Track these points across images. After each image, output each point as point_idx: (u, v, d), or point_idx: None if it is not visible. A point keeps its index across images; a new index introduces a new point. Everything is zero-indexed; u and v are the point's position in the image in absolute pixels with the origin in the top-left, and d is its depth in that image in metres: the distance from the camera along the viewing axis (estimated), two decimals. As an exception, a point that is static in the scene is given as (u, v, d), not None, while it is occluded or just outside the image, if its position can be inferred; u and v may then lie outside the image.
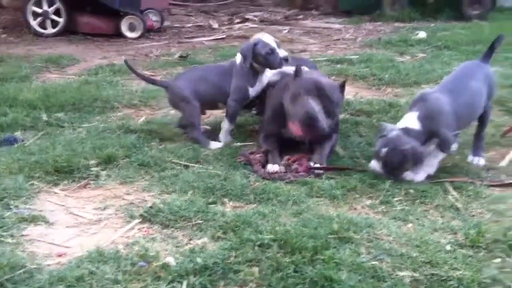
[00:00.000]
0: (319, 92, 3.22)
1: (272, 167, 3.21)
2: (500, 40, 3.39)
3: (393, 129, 3.05)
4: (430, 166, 3.07)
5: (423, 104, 3.08)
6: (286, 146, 3.51)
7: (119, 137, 3.71)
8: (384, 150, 2.99)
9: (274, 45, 3.67)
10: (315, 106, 3.16)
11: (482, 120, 3.33)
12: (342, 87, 3.37)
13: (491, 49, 3.39)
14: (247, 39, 7.69)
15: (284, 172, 3.19)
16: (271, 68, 3.66)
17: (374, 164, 3.07)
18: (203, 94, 3.69)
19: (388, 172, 3.02)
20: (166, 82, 3.95)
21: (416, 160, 2.96)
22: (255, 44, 3.63)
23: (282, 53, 3.70)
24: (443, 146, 3.05)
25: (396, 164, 2.98)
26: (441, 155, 3.09)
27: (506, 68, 5.38)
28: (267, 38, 3.78)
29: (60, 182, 3.09)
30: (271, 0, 11.38)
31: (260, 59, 3.61)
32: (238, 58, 3.70)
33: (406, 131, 3.00)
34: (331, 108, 3.25)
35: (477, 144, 3.35)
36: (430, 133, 3.01)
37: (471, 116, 3.24)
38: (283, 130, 3.43)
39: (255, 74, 3.69)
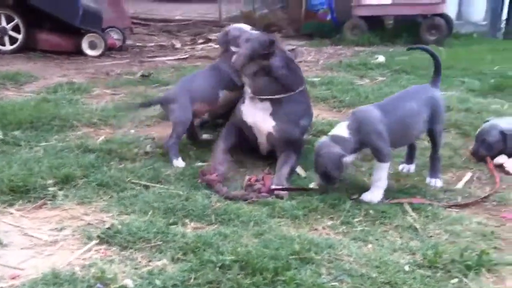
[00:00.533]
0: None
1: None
2: (438, 61, 3.52)
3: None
4: (378, 180, 3.11)
5: (353, 115, 3.18)
6: (249, 161, 3.55)
7: (77, 156, 3.64)
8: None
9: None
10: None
11: (433, 142, 3.40)
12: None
13: (436, 72, 3.47)
14: (210, 59, 7.75)
15: (246, 193, 3.17)
16: None
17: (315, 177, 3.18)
18: (200, 94, 3.80)
19: (322, 180, 3.11)
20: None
21: (334, 164, 3.01)
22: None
23: None
24: (378, 155, 3.10)
25: (319, 169, 3.08)
26: (384, 166, 3.11)
27: (462, 93, 5.54)
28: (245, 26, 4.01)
29: (16, 202, 3.00)
30: (234, 22, 11.45)
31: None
32: None
33: (333, 138, 3.10)
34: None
35: (433, 166, 3.42)
36: (360, 142, 3.07)
37: (406, 135, 3.27)
38: None
39: None
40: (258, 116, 3.61)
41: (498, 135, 3.73)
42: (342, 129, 3.10)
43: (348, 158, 3.06)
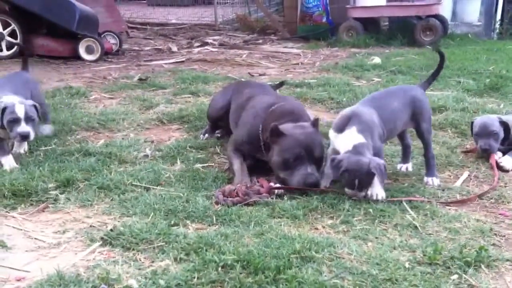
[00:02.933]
0: (309, 151, 3.26)
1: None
2: (441, 68, 3.65)
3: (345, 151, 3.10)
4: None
5: (357, 119, 3.14)
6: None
7: (77, 160, 3.67)
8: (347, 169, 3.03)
9: (21, 114, 3.48)
10: (313, 174, 3.22)
11: (422, 141, 3.46)
12: (315, 125, 3.42)
13: (432, 76, 3.60)
14: (207, 62, 7.78)
15: (245, 195, 3.15)
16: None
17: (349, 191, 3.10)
18: None
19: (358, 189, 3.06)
20: None
21: (383, 174, 3.04)
22: (4, 109, 3.47)
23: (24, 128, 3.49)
24: (378, 154, 3.13)
25: (365, 183, 3.04)
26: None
27: (458, 92, 5.58)
28: (18, 107, 3.50)
29: (18, 206, 3.03)
30: (230, 25, 11.51)
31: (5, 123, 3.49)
32: None
33: (357, 149, 3.05)
34: (320, 157, 3.35)
35: (428, 165, 3.45)
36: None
37: (390, 132, 3.33)
38: (259, 154, 3.52)
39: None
40: None
41: (499, 126, 3.78)
42: (357, 136, 3.09)
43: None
